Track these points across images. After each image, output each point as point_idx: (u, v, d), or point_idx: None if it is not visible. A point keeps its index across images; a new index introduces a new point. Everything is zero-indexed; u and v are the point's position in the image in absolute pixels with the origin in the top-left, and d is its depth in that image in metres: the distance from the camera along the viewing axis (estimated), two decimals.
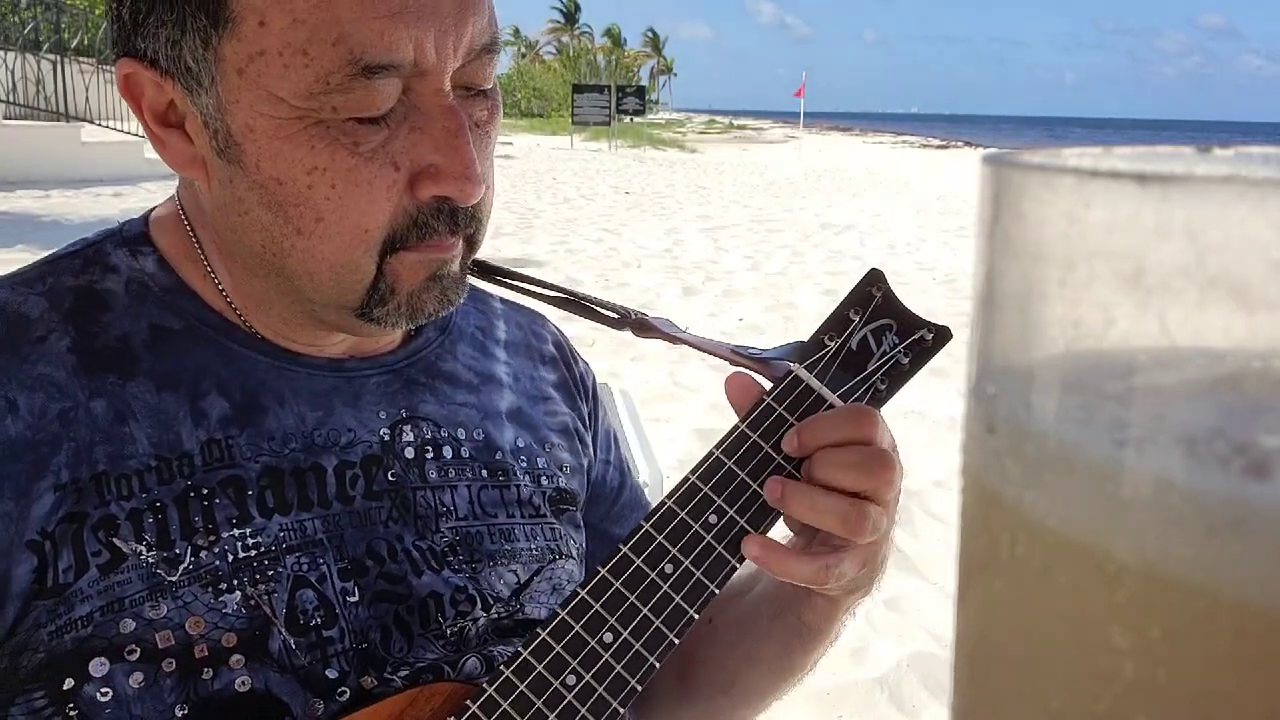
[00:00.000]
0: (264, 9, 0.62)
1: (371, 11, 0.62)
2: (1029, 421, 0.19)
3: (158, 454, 0.70)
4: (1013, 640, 0.20)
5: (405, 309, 0.71)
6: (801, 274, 8.94)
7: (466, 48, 0.66)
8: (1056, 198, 0.17)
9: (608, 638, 0.73)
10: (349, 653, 0.71)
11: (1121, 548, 0.17)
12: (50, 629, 0.65)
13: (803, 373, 0.78)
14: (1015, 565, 0.19)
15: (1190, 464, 0.17)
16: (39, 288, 0.73)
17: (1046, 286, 0.18)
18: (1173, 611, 0.17)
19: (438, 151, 0.66)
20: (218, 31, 0.63)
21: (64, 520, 0.66)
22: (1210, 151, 0.19)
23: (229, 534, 0.70)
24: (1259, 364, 0.17)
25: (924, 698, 2.55)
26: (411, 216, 0.68)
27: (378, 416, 0.79)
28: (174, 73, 0.66)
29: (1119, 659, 0.17)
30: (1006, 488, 0.19)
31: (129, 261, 0.75)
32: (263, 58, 0.63)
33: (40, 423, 0.67)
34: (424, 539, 0.77)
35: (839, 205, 15.64)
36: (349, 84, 0.62)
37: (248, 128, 0.65)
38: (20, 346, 0.69)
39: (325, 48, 0.62)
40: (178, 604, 0.67)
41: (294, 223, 0.67)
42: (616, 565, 0.75)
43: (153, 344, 0.73)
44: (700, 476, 0.77)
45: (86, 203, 10.70)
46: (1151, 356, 0.17)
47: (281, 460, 0.74)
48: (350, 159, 0.65)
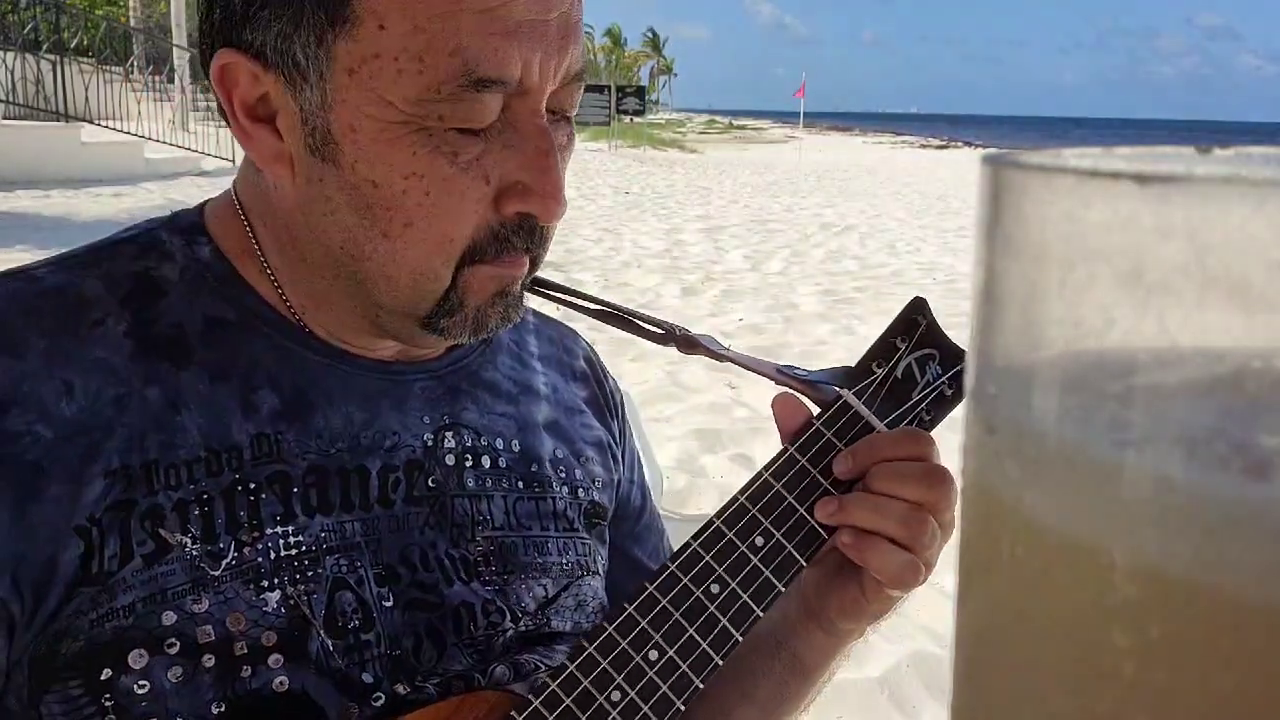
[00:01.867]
0: (385, 13, 0.63)
1: (489, 28, 0.63)
2: (1029, 421, 0.19)
3: (207, 445, 0.69)
4: (1013, 640, 0.20)
5: (471, 322, 0.72)
6: (801, 274, 8.94)
7: (564, 73, 0.68)
8: (1056, 198, 0.17)
9: (653, 655, 0.73)
10: (383, 658, 0.71)
11: (1121, 548, 0.17)
12: (92, 617, 0.64)
13: (852, 399, 0.79)
14: (1015, 565, 0.19)
15: (1190, 464, 0.17)
16: (96, 271, 0.72)
17: (1046, 286, 0.18)
18: (1173, 611, 0.17)
19: (527, 170, 0.68)
20: (334, 30, 0.64)
21: (112, 507, 0.66)
22: (1210, 152, 0.19)
23: (272, 531, 0.70)
24: (1259, 364, 0.17)
25: (924, 698, 2.55)
26: (493, 230, 0.69)
27: (422, 421, 0.79)
28: (279, 67, 0.66)
29: (1119, 659, 0.17)
30: (1006, 488, 0.19)
31: (185, 250, 0.75)
32: (377, 60, 0.63)
33: (95, 406, 0.67)
34: (457, 547, 0.77)
35: (839, 205, 15.64)
36: (459, 94, 0.63)
37: (350, 127, 0.65)
38: (78, 329, 0.69)
39: (441, 57, 0.62)
40: (219, 599, 0.67)
41: (381, 226, 0.67)
42: (664, 583, 0.75)
43: (207, 334, 0.72)
44: (749, 497, 0.77)
45: (86, 203, 10.70)
46: (1151, 356, 0.17)
47: (327, 459, 0.73)
48: (448, 168, 0.66)
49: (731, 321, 6.87)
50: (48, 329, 0.68)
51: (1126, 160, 0.20)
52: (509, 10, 0.63)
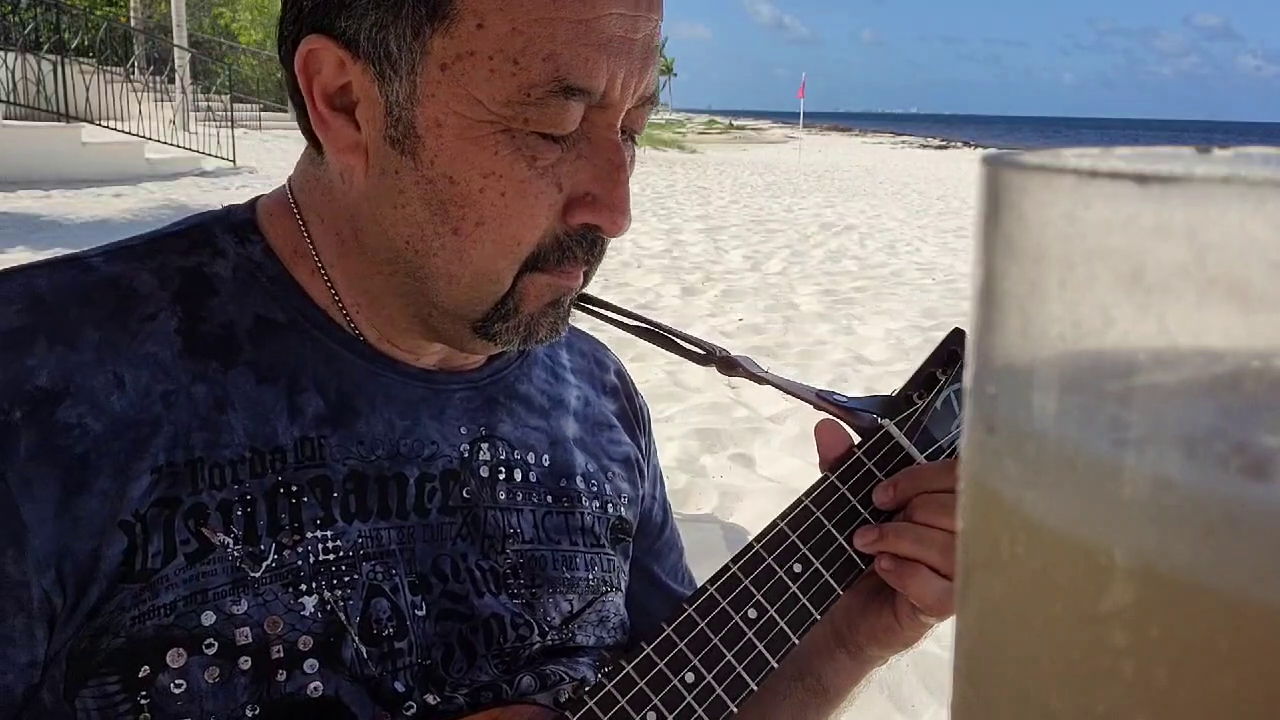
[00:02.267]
0: (485, 12, 0.63)
1: (584, 38, 0.64)
2: (1029, 421, 0.19)
3: (252, 446, 0.69)
4: (1013, 640, 0.20)
5: (522, 330, 0.72)
6: (801, 274, 8.94)
7: (641, 93, 0.69)
8: (1056, 198, 0.17)
9: (689, 678, 0.73)
10: (414, 667, 0.71)
11: (1121, 548, 0.17)
12: (134, 614, 0.64)
13: (893, 430, 0.80)
14: (1015, 565, 0.19)
15: (1189, 464, 0.17)
16: (150, 264, 0.72)
17: (1046, 286, 0.18)
18: (1173, 611, 0.17)
19: (598, 182, 0.68)
20: (432, 24, 0.64)
21: (157, 504, 0.65)
22: (1210, 152, 0.19)
23: (312, 535, 0.70)
24: (1258, 364, 0.17)
25: (924, 698, 2.55)
26: (557, 239, 0.69)
27: (459, 432, 0.79)
28: (370, 56, 0.66)
29: (1119, 659, 0.17)
30: (1006, 488, 0.19)
31: (237, 247, 0.75)
32: (472, 58, 0.64)
33: (144, 402, 0.67)
34: (488, 559, 0.77)
35: (839, 205, 15.64)
36: (547, 99, 0.64)
37: (435, 122, 0.65)
38: (130, 323, 0.69)
39: (535, 61, 0.63)
40: (258, 601, 0.67)
41: (452, 223, 0.67)
42: (702, 605, 0.75)
43: (256, 334, 0.72)
44: (789, 523, 0.78)
45: (87, 203, 10.70)
46: (1151, 356, 0.17)
47: (367, 466, 0.73)
48: (526, 171, 0.66)
49: (731, 321, 6.87)
50: (101, 321, 0.68)
51: (1126, 160, 0.20)
52: (602, 25, 0.64)
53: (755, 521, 3.46)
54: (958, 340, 0.82)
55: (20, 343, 0.65)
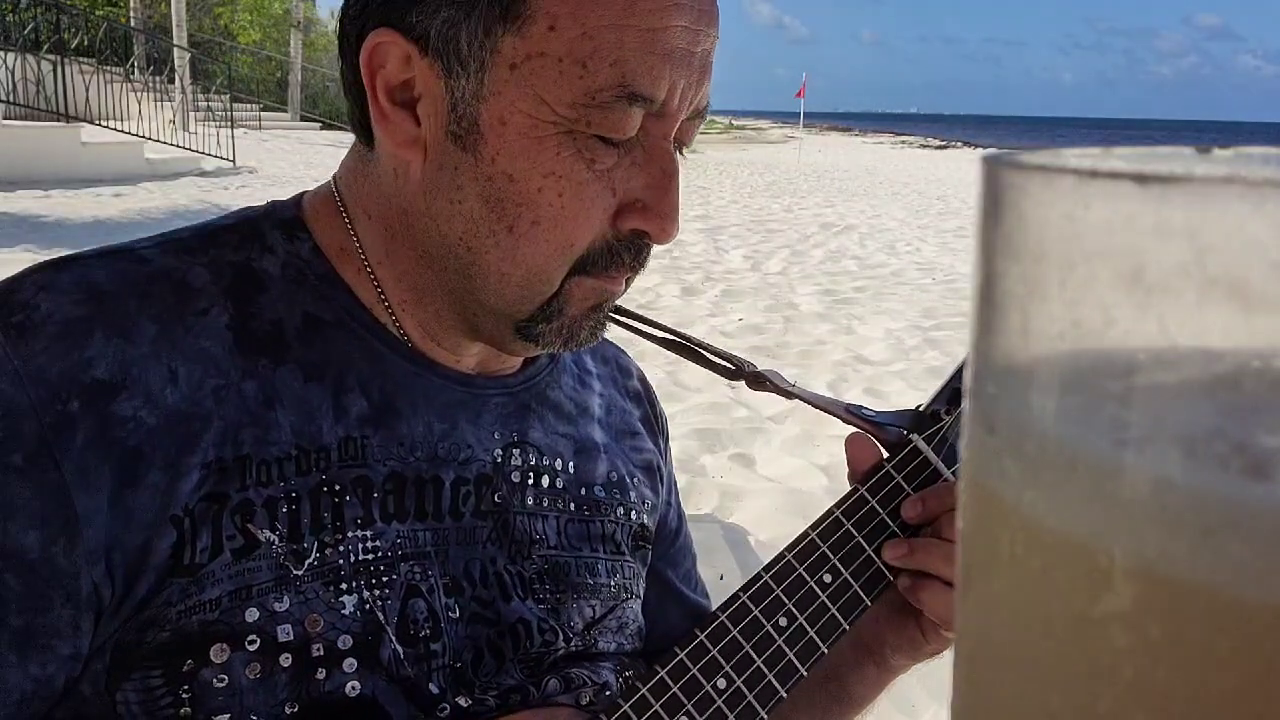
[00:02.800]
0: (558, 15, 0.64)
1: (650, 46, 0.65)
2: (1029, 421, 0.19)
3: (298, 444, 0.70)
4: (1013, 640, 0.20)
5: (564, 333, 0.73)
6: (801, 274, 8.94)
7: (696, 105, 0.70)
8: (1056, 198, 0.17)
9: (721, 684, 0.74)
10: (446, 669, 0.72)
11: (1121, 548, 0.17)
12: (180, 608, 0.64)
13: (922, 445, 0.81)
14: (1015, 565, 0.19)
15: (1189, 464, 0.17)
16: (202, 258, 0.72)
17: (1046, 286, 0.18)
18: (1173, 611, 0.17)
19: (650, 189, 0.70)
20: (504, 24, 0.65)
21: (205, 499, 0.66)
22: (1210, 152, 0.19)
23: (353, 534, 0.70)
24: (1258, 364, 0.17)
25: (924, 698, 2.55)
26: (607, 243, 0.70)
27: (493, 436, 0.80)
28: (440, 52, 0.67)
29: (1119, 659, 0.17)
30: (1006, 488, 0.19)
31: (285, 244, 0.75)
32: (542, 59, 0.65)
33: (196, 396, 0.67)
34: (515, 564, 0.78)
35: (838, 205, 15.64)
36: (611, 104, 0.65)
37: (500, 120, 0.66)
38: (185, 317, 0.69)
39: (604, 66, 0.64)
40: (300, 599, 0.67)
41: (508, 220, 0.68)
42: (735, 612, 0.76)
43: (304, 332, 0.73)
44: (820, 534, 0.80)
45: (87, 203, 10.69)
46: (1151, 356, 0.17)
47: (406, 467, 0.74)
48: (585, 173, 0.67)
49: (731, 321, 6.87)
50: (157, 313, 0.68)
51: (1126, 160, 0.20)
52: (668, 36, 0.65)
53: (755, 521, 3.46)
54: None
55: (78, 334, 0.65)
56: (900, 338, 6.65)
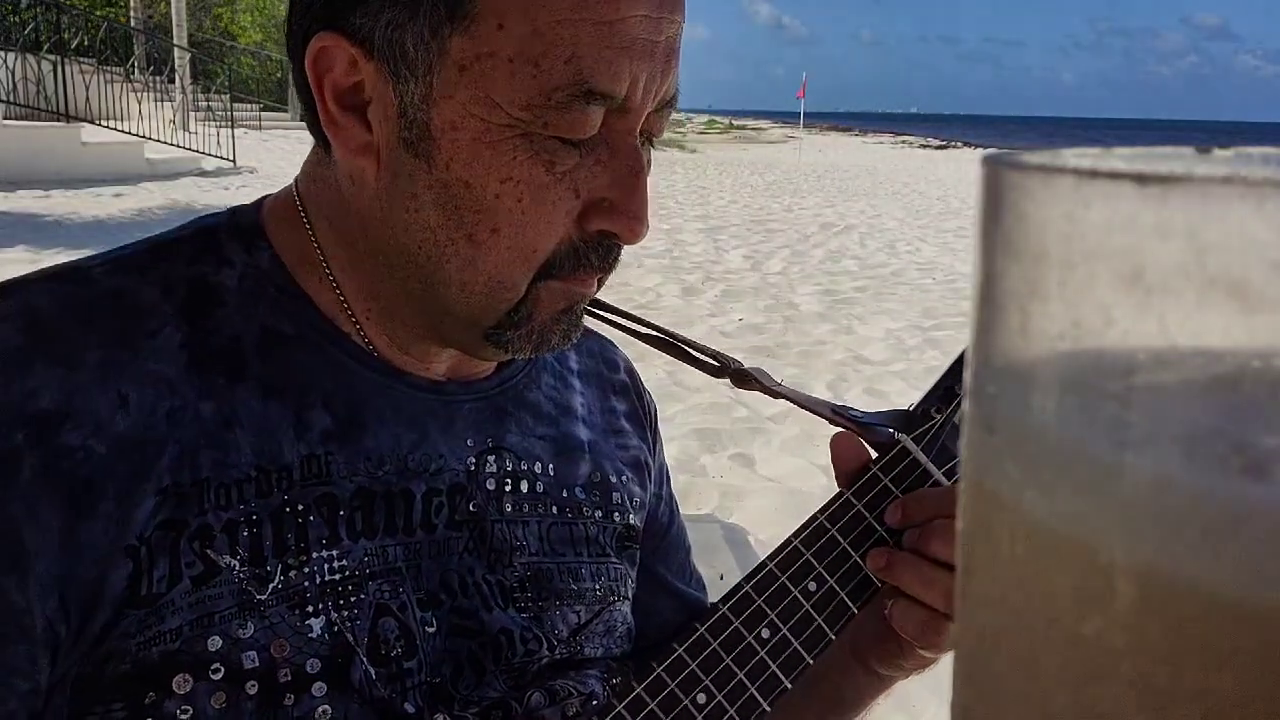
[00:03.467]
0: (506, 12, 0.61)
1: (606, 41, 0.62)
2: (1029, 421, 0.19)
3: (259, 464, 0.67)
4: (1013, 640, 0.20)
5: (535, 337, 0.71)
6: (801, 274, 8.94)
7: (662, 96, 0.67)
8: (1056, 198, 0.17)
9: (701, 698, 0.72)
10: (423, 686, 0.70)
11: (1121, 548, 0.17)
12: (139, 640, 0.62)
13: (910, 445, 0.78)
14: (1015, 565, 0.19)
15: (1189, 464, 0.17)
16: (153, 274, 0.70)
17: (1046, 286, 0.18)
18: (1172, 611, 0.17)
19: (616, 188, 0.67)
20: (451, 24, 0.62)
21: (162, 526, 0.63)
22: (1210, 152, 0.19)
23: (318, 555, 0.68)
24: (1258, 364, 0.17)
25: (924, 698, 2.55)
26: (573, 246, 0.68)
27: (466, 444, 0.77)
28: (385, 55, 0.64)
29: (1119, 659, 0.17)
30: (1006, 488, 0.19)
31: (243, 255, 0.72)
32: (491, 59, 0.62)
33: (149, 421, 0.65)
34: (494, 573, 0.76)
35: (839, 205, 15.64)
36: (568, 103, 0.62)
37: (451, 125, 0.63)
38: (134, 339, 0.66)
39: (557, 64, 0.61)
40: (264, 624, 0.65)
41: (466, 229, 0.65)
42: (714, 625, 0.74)
43: (263, 347, 0.70)
44: (803, 541, 0.77)
45: (87, 203, 10.70)
46: (1151, 356, 0.17)
47: (375, 482, 0.72)
48: (545, 176, 0.64)
49: (731, 321, 6.86)
50: (103, 338, 0.66)
51: (1126, 160, 0.20)
52: (626, 27, 0.62)
53: (755, 521, 3.46)
54: None
55: (19, 364, 0.63)
56: (900, 338, 6.65)
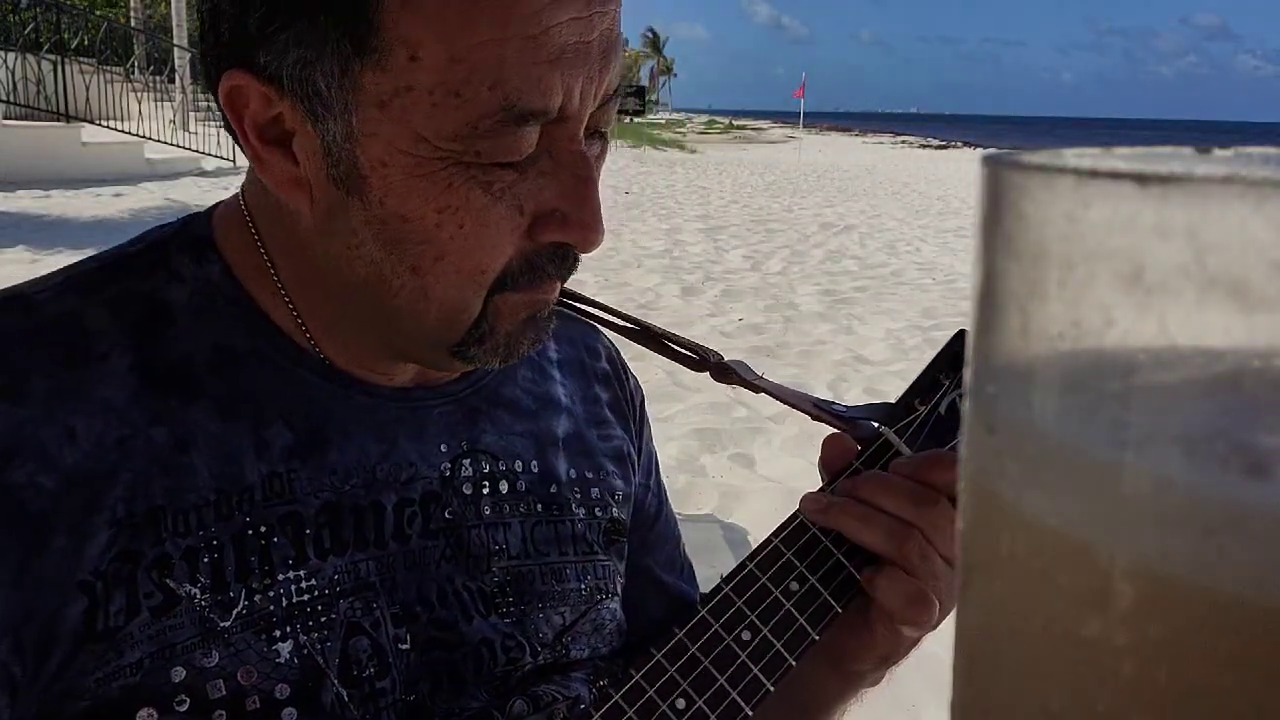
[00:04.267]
0: (418, 43, 0.57)
1: (532, 57, 0.58)
2: (1029, 421, 0.19)
3: (219, 487, 0.65)
4: (1013, 640, 0.20)
5: (501, 349, 0.69)
6: (801, 274, 8.94)
7: (603, 94, 0.64)
8: (1056, 198, 0.17)
9: (680, 704, 0.70)
10: (399, 704, 0.68)
11: (1121, 548, 0.17)
12: (98, 675, 0.61)
13: (893, 438, 0.76)
14: (1015, 565, 0.19)
15: (1189, 464, 0.17)
16: (100, 296, 0.67)
17: (1046, 286, 0.18)
18: (1172, 611, 0.17)
19: (565, 198, 0.64)
20: (360, 60, 0.58)
21: (117, 559, 0.62)
22: (1210, 152, 0.19)
23: (284, 576, 0.66)
24: (1258, 364, 0.17)
25: (924, 698, 2.55)
26: (527, 259, 0.65)
27: (439, 450, 0.75)
28: (298, 95, 0.61)
29: (1119, 659, 0.17)
30: (1006, 488, 0.19)
31: (194, 269, 0.70)
32: (410, 94, 0.58)
33: (98, 452, 0.62)
34: (474, 580, 0.74)
35: (838, 205, 15.65)
36: (498, 130, 0.59)
37: (380, 162, 0.60)
38: (80, 366, 0.64)
39: (481, 90, 0.58)
40: (230, 651, 0.63)
41: (410, 260, 0.63)
42: (693, 628, 0.72)
43: (216, 365, 0.68)
44: (784, 540, 0.75)
45: (87, 203, 10.70)
46: (1151, 356, 0.17)
47: (341, 497, 0.69)
48: (483, 198, 0.62)
49: (731, 321, 6.86)
50: (49, 369, 0.63)
51: (1126, 160, 0.20)
52: (551, 37, 0.58)
53: (755, 521, 3.46)
54: (960, 344, 0.78)
55: None
56: (900, 338, 6.65)
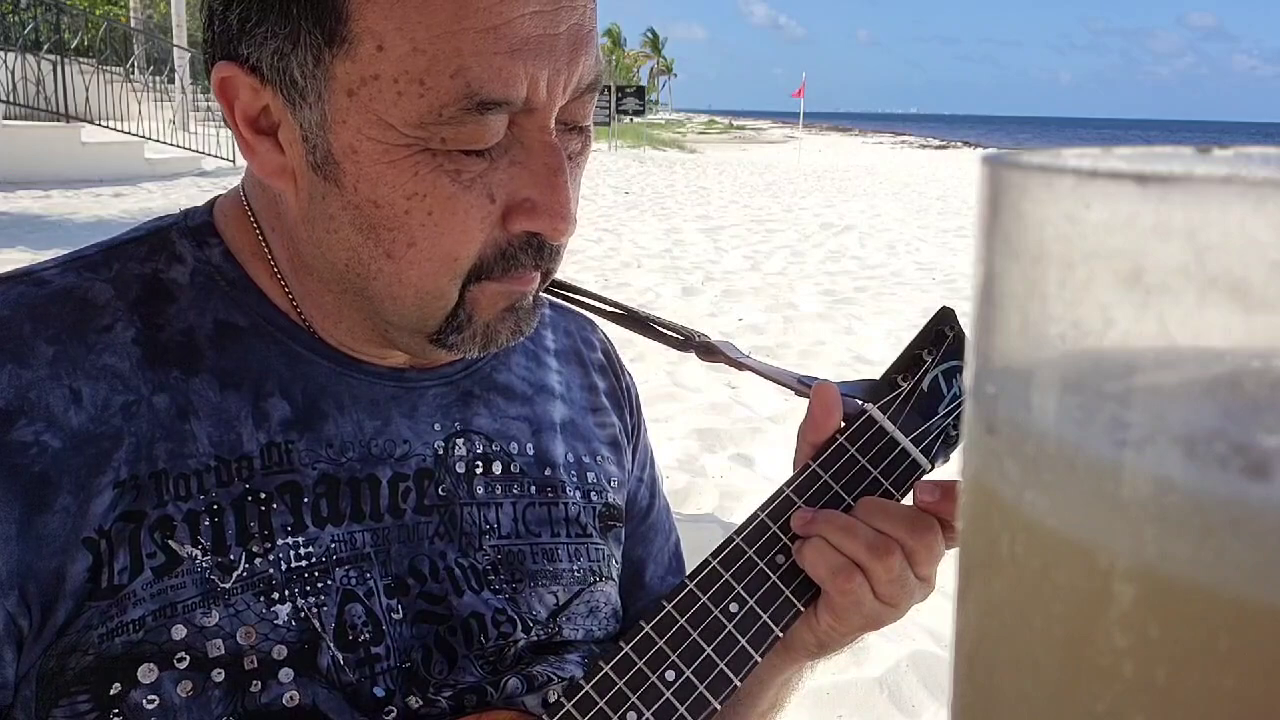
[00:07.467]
0: (384, 33, 0.60)
1: (493, 46, 0.60)
2: (1029, 421, 0.19)
3: (218, 454, 0.68)
4: (1013, 640, 0.20)
5: (480, 338, 0.71)
6: (801, 274, 8.94)
7: (575, 86, 0.65)
8: (1056, 198, 0.17)
9: (669, 675, 0.71)
10: (394, 671, 0.70)
11: (1121, 548, 0.17)
12: (101, 631, 0.63)
13: (877, 414, 0.77)
14: (1015, 565, 0.19)
15: (1189, 464, 0.17)
16: (105, 274, 0.71)
17: (1046, 286, 0.18)
18: (1172, 611, 0.17)
19: (535, 187, 0.66)
20: (331, 50, 0.62)
21: (121, 518, 0.64)
22: (1209, 152, 0.19)
23: (283, 541, 0.69)
24: (1258, 364, 0.17)
25: (924, 698, 2.55)
26: (500, 248, 0.67)
27: (433, 429, 0.78)
28: (277, 84, 0.65)
29: (1119, 659, 0.17)
30: (1006, 488, 0.19)
31: (195, 252, 0.74)
32: (377, 82, 0.61)
33: (103, 415, 0.66)
34: (466, 556, 0.76)
35: (839, 205, 15.65)
36: (461, 117, 0.61)
37: (351, 149, 0.64)
38: (86, 335, 0.68)
39: (443, 79, 0.60)
40: (230, 612, 0.66)
41: (384, 246, 0.66)
42: (682, 601, 0.73)
43: (217, 340, 0.71)
44: (770, 514, 0.76)
45: (87, 203, 10.70)
46: (1151, 356, 0.17)
47: (339, 469, 0.72)
48: (451, 186, 0.64)
49: (731, 321, 6.87)
50: (55, 335, 0.67)
51: (1126, 160, 0.20)
52: (514, 28, 0.61)
53: None
54: (945, 320, 0.80)
55: None
56: (900, 338, 6.65)
